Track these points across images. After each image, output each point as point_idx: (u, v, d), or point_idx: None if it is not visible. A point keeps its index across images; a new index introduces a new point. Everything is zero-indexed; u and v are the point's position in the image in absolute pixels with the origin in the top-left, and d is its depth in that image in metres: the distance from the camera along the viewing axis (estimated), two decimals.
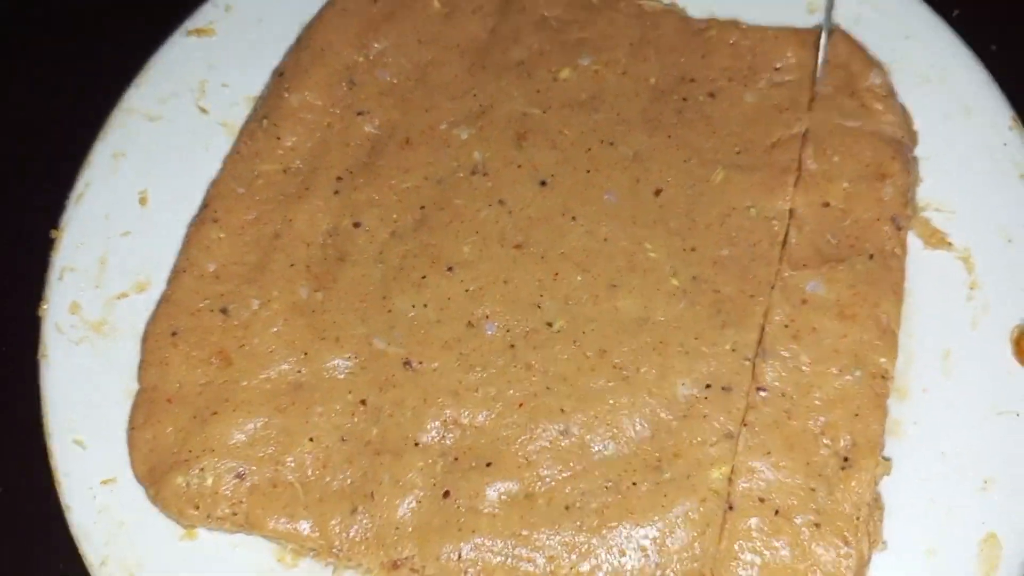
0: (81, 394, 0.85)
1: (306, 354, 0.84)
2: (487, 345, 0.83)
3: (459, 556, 0.77)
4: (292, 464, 0.80)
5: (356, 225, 0.89)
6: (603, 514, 0.77)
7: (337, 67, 0.95)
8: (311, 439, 0.81)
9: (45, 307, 0.88)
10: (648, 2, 0.97)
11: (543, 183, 0.89)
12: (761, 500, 0.77)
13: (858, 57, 0.94)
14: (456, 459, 0.79)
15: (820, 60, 0.93)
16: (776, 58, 0.94)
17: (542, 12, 0.96)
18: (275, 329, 0.85)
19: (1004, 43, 1.01)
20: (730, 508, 0.77)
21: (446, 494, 0.78)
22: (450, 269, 0.85)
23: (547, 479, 0.78)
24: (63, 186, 0.93)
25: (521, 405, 0.81)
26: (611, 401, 0.80)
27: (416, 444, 0.80)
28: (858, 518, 0.75)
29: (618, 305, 0.84)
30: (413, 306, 0.85)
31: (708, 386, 0.80)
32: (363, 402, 0.82)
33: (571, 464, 0.78)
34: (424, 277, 0.85)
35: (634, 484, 0.77)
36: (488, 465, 0.79)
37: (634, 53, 0.94)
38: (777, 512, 0.76)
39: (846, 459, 0.77)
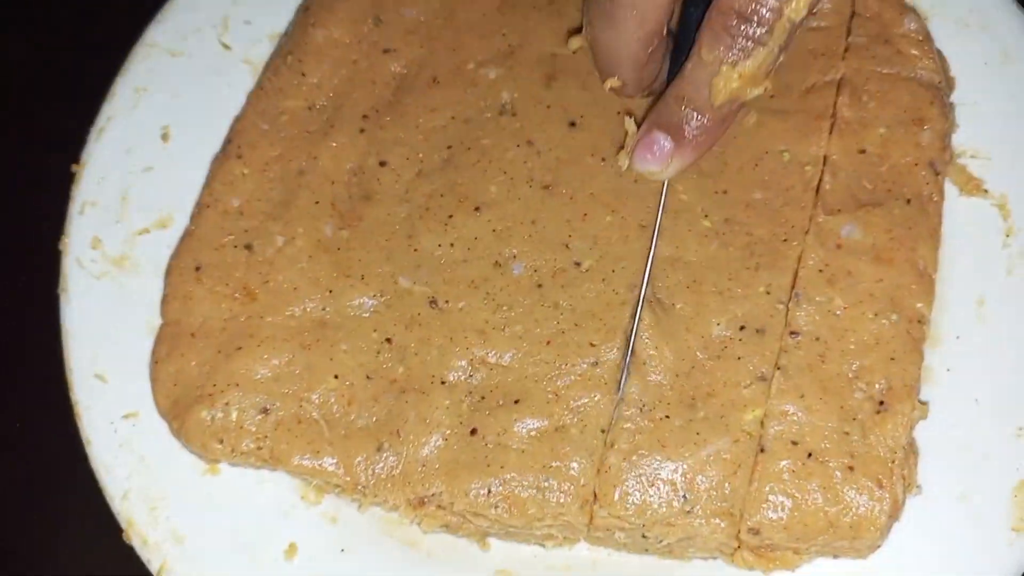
0: (102, 329, 0.84)
1: (331, 291, 0.82)
2: (514, 285, 0.81)
3: (488, 491, 0.76)
4: (317, 400, 0.79)
5: (382, 164, 0.87)
6: (635, 441, 0.76)
7: (364, 3, 0.93)
8: (336, 376, 0.80)
9: (66, 241, 0.87)
10: None
11: (572, 124, 0.87)
12: (794, 443, 0.75)
13: (891, 4, 0.92)
14: (483, 398, 0.78)
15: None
16: None
17: None
18: (300, 266, 0.83)
19: None
20: (762, 450, 0.75)
21: (473, 431, 0.77)
22: (477, 209, 0.84)
23: (578, 410, 0.77)
24: (85, 120, 0.92)
25: (549, 343, 0.79)
26: (645, 334, 0.78)
27: (442, 382, 0.79)
28: (893, 461, 0.74)
29: (648, 245, 0.82)
30: (439, 245, 0.83)
31: (742, 328, 0.79)
32: (388, 340, 0.81)
33: (603, 392, 0.77)
34: (451, 217, 0.84)
35: (667, 417, 0.76)
36: (516, 402, 0.78)
37: None
38: (810, 455, 0.75)
39: (881, 403, 0.76)
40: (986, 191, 0.86)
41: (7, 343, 0.95)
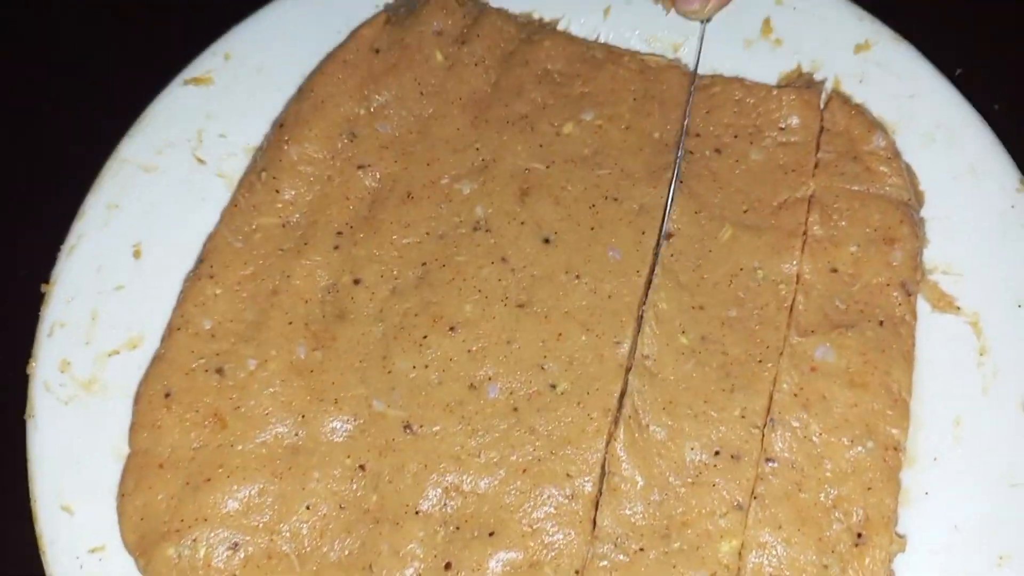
0: (70, 457, 0.83)
1: (304, 416, 0.81)
2: (489, 408, 0.81)
3: None
4: (288, 533, 0.78)
5: (356, 282, 0.87)
6: None
7: (338, 119, 0.93)
8: (308, 507, 0.78)
9: (34, 365, 0.86)
10: (651, 57, 0.96)
11: (546, 240, 0.87)
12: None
13: (859, 121, 0.93)
14: (457, 528, 0.77)
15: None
16: (781, 118, 0.93)
17: (545, 66, 0.95)
18: (272, 390, 0.82)
19: (1007, 103, 1.00)
20: None
21: (447, 566, 0.76)
22: (452, 329, 0.84)
23: (553, 546, 0.76)
24: (55, 239, 0.91)
25: (525, 471, 0.79)
26: (620, 456, 0.78)
27: (416, 512, 0.78)
28: None
29: (623, 364, 0.82)
30: (414, 367, 0.83)
31: (717, 453, 0.79)
32: (362, 467, 0.80)
33: (578, 528, 0.76)
34: (425, 337, 0.84)
35: (642, 550, 0.75)
36: (491, 535, 0.77)
37: (638, 108, 0.93)
38: None
39: (859, 535, 0.75)
40: (959, 308, 0.86)
41: None
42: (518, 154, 0.91)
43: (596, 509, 0.77)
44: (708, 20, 0.91)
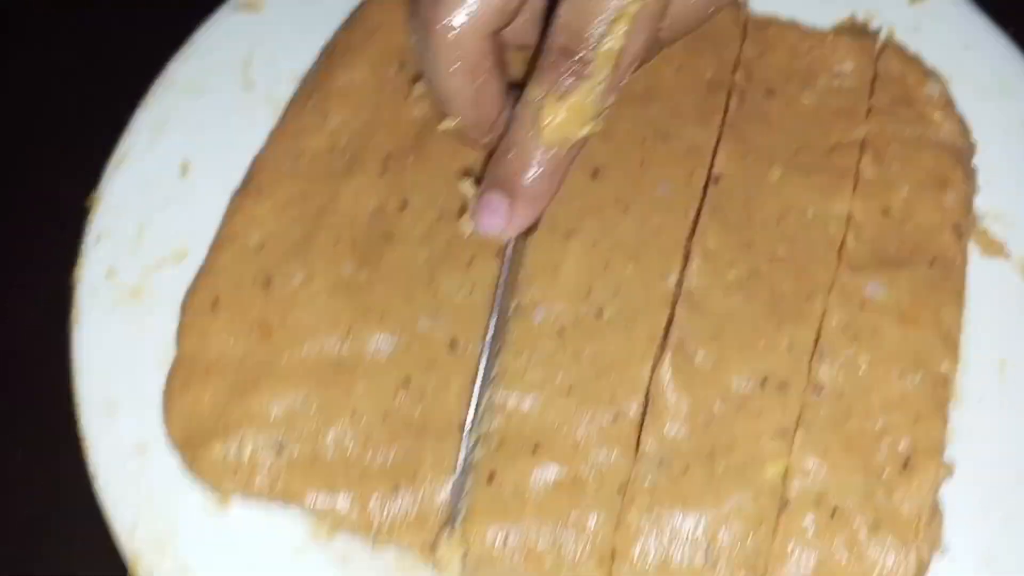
0: (114, 360, 0.83)
1: (349, 331, 0.81)
2: (536, 330, 0.80)
3: (504, 540, 0.74)
4: (332, 440, 0.78)
5: (403, 206, 0.87)
6: (655, 496, 0.74)
7: (388, 48, 0.93)
8: (352, 415, 0.78)
9: (80, 271, 0.86)
10: None
11: (594, 174, 0.87)
12: (817, 500, 0.74)
13: (912, 69, 0.92)
14: (501, 442, 0.77)
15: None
16: (834, 63, 0.92)
17: None
18: (318, 304, 0.82)
19: None
20: (785, 506, 0.74)
21: (491, 477, 0.76)
22: (498, 255, 0.83)
23: (596, 464, 0.76)
24: (102, 154, 0.91)
25: (569, 392, 0.78)
26: (665, 383, 0.78)
27: (460, 425, 0.78)
28: (919, 521, 0.73)
29: (670, 295, 0.81)
30: (460, 289, 0.83)
31: (764, 382, 0.78)
32: (406, 382, 0.80)
33: (623, 448, 0.76)
34: (471, 261, 0.83)
35: (687, 470, 0.75)
36: (535, 449, 0.76)
37: (690, 48, 0.93)
38: (834, 513, 0.74)
39: (907, 461, 0.75)
40: (1008, 254, 0.86)
41: (16, 373, 0.93)
42: None
43: (640, 431, 0.77)
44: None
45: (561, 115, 0.72)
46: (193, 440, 0.77)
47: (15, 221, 0.98)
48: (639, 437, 0.77)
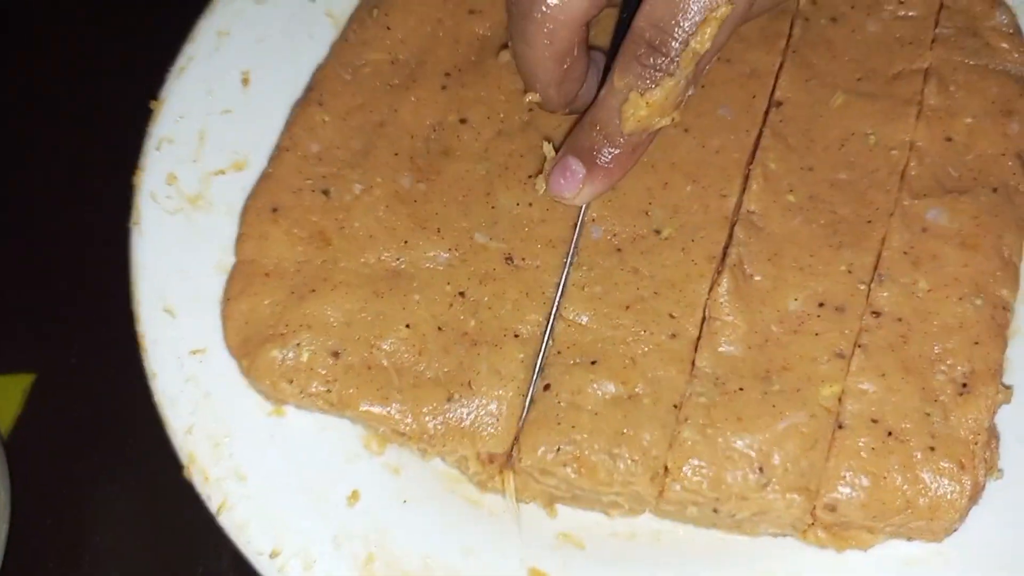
0: (173, 264, 0.84)
1: (406, 242, 0.82)
2: (593, 246, 0.80)
3: (558, 450, 0.74)
4: (387, 348, 0.78)
5: (462, 121, 0.86)
6: (709, 414, 0.74)
7: None
8: (407, 326, 0.79)
9: (141, 175, 0.86)
10: None
11: None
12: (873, 421, 0.74)
13: None
14: (559, 352, 0.77)
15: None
16: None
17: None
18: (376, 215, 0.83)
19: None
20: (840, 427, 0.74)
21: (547, 387, 0.76)
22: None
23: (653, 380, 0.76)
24: (166, 59, 0.91)
25: (628, 308, 0.78)
26: (722, 300, 0.78)
27: (516, 336, 0.78)
28: (975, 444, 0.73)
29: (729, 216, 0.81)
30: (518, 204, 0.82)
31: (821, 304, 0.78)
32: (462, 294, 0.80)
33: (679, 366, 0.76)
34: (530, 176, 0.83)
35: (741, 389, 0.75)
36: (593, 363, 0.77)
37: None
38: (890, 434, 0.74)
39: (964, 385, 0.75)
40: None
41: (78, 276, 0.94)
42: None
43: (696, 351, 0.77)
44: None
45: (643, 109, 0.73)
46: (250, 345, 0.78)
47: (80, 123, 0.99)
48: (695, 357, 0.77)
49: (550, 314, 0.78)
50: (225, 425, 0.78)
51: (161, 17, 0.95)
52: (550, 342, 0.77)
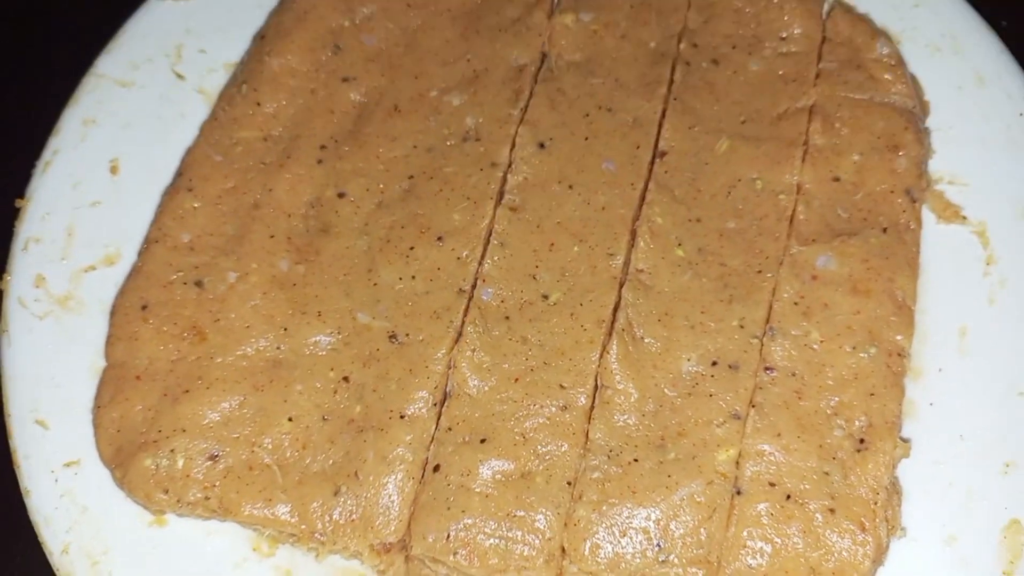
0: (44, 372, 0.80)
1: (286, 329, 0.79)
2: (483, 309, 0.78)
3: (448, 536, 0.71)
4: (269, 445, 0.75)
5: (340, 195, 0.84)
6: (603, 490, 0.72)
7: (321, 31, 0.90)
8: (290, 419, 0.76)
9: (8, 280, 0.83)
10: None
11: (541, 145, 0.84)
12: (771, 484, 0.72)
13: (862, 29, 0.90)
14: (449, 429, 0.74)
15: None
16: (781, 28, 0.89)
17: None
18: (253, 303, 0.80)
19: (1015, 19, 0.97)
20: (738, 492, 0.72)
21: (436, 468, 0.73)
22: (440, 239, 0.81)
23: (545, 456, 0.73)
24: (31, 154, 0.88)
25: (517, 380, 0.76)
26: (613, 368, 0.75)
27: (402, 416, 0.75)
28: (875, 503, 0.71)
29: (618, 276, 0.79)
30: (400, 278, 0.80)
31: (714, 363, 0.76)
32: (346, 379, 0.77)
33: (572, 440, 0.73)
34: (412, 248, 0.81)
35: (636, 461, 0.73)
36: (482, 441, 0.74)
37: (634, 16, 0.90)
38: (789, 497, 0.72)
39: (862, 441, 0.72)
40: (965, 218, 0.84)
41: None
42: (511, 58, 0.88)
43: (589, 422, 0.74)
44: None
45: None
46: (123, 454, 0.75)
47: None
48: (588, 428, 0.74)
49: (436, 387, 0.75)
50: (103, 541, 0.75)
51: (28, 112, 0.92)
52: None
